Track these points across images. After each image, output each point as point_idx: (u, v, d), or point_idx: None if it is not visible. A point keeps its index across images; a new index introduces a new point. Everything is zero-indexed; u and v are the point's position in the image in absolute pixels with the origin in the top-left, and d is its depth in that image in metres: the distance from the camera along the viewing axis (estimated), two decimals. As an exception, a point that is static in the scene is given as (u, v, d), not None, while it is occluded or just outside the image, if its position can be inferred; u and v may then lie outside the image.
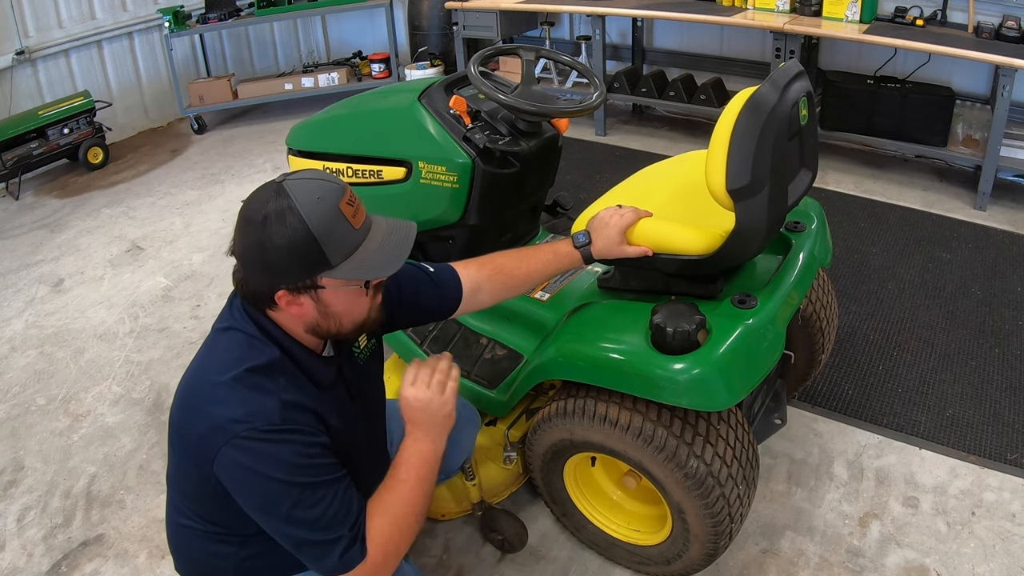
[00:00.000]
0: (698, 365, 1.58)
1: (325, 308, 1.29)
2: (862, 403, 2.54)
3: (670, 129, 5.04)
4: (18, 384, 2.91)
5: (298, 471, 1.23)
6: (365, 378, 1.54)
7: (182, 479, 1.40)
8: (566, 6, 4.68)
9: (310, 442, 1.26)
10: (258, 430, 1.22)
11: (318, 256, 1.23)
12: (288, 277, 1.25)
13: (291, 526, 1.25)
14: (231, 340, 1.32)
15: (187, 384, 1.35)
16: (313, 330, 1.32)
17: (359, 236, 1.27)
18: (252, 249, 1.24)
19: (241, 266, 1.29)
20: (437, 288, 1.64)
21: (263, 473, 1.22)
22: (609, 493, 2.02)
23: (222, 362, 1.29)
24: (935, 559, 2.00)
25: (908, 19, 4.00)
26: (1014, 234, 3.56)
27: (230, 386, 1.25)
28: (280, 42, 6.21)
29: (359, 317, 1.34)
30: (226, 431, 1.22)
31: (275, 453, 1.22)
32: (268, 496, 1.24)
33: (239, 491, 1.26)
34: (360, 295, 1.32)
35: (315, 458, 1.26)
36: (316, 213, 1.22)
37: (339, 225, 1.24)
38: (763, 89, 1.55)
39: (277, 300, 1.27)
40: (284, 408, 1.25)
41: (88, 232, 4.09)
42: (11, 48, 4.66)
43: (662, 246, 1.73)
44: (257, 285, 1.28)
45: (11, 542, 2.22)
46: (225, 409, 1.24)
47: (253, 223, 1.23)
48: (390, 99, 2.26)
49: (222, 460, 1.23)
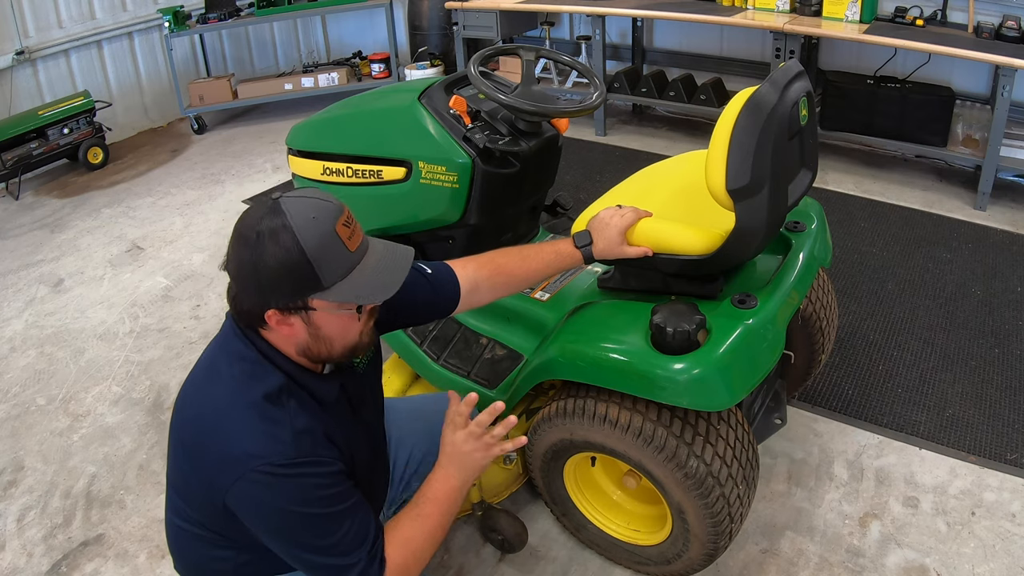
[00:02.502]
0: (698, 365, 1.58)
1: (316, 331, 1.27)
2: (862, 403, 2.54)
3: (670, 129, 5.04)
4: (18, 384, 2.91)
5: (315, 503, 1.23)
6: (366, 385, 1.54)
7: (184, 489, 1.39)
8: (566, 6, 4.68)
9: (326, 472, 1.26)
10: (274, 465, 1.21)
11: (310, 277, 1.20)
12: (279, 297, 1.22)
13: (307, 552, 1.25)
14: (237, 365, 1.30)
15: (196, 404, 1.33)
16: (304, 352, 1.31)
17: (354, 259, 1.24)
18: (244, 267, 1.22)
19: (234, 283, 1.28)
20: (434, 288, 1.63)
21: (279, 506, 1.22)
22: (609, 493, 2.02)
23: (231, 389, 1.28)
24: (935, 559, 2.00)
25: (908, 19, 4.00)
26: (1014, 234, 3.56)
27: (243, 416, 1.24)
28: (280, 42, 6.21)
29: (350, 341, 1.32)
30: (241, 464, 1.21)
31: (291, 487, 1.22)
32: (283, 526, 1.24)
33: (253, 521, 1.26)
34: (352, 319, 1.30)
35: (331, 488, 1.26)
36: (311, 233, 1.19)
37: (334, 246, 1.21)
38: (763, 89, 1.55)
39: (267, 319, 1.25)
40: (297, 438, 1.24)
41: (88, 232, 4.09)
42: (11, 48, 4.66)
43: (662, 246, 1.73)
44: (249, 304, 1.26)
45: (11, 542, 2.22)
46: (240, 441, 1.23)
47: (247, 240, 1.21)
48: (390, 99, 2.26)
49: (236, 492, 1.22)
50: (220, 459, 1.24)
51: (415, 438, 1.81)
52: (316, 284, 1.21)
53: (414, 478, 1.84)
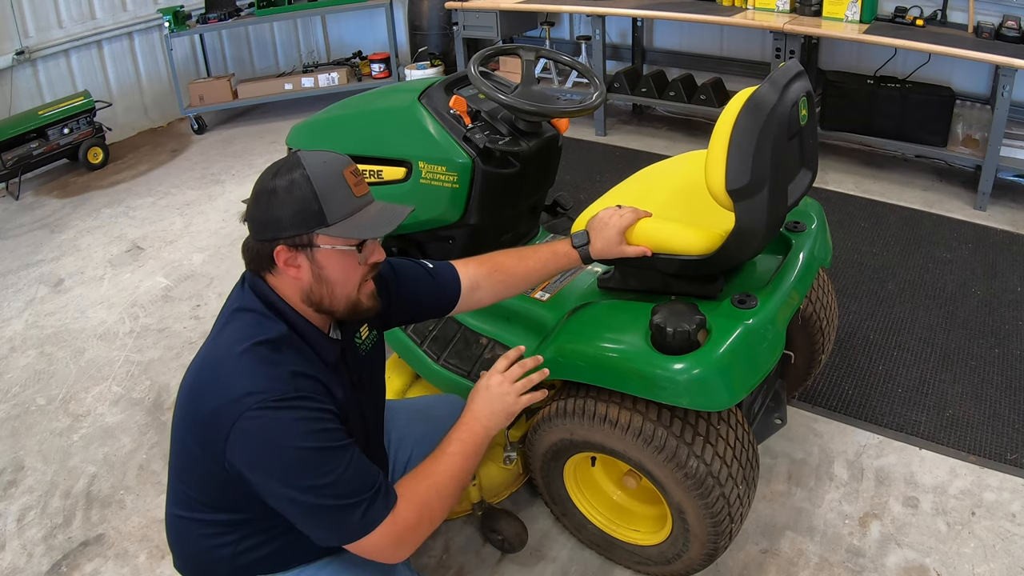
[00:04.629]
0: (698, 365, 1.58)
1: (319, 271, 1.33)
2: (862, 403, 2.54)
3: (670, 129, 5.04)
4: (18, 384, 2.91)
5: (312, 436, 1.25)
6: (366, 370, 1.56)
7: (187, 463, 1.39)
8: (566, 6, 4.68)
9: (320, 407, 1.28)
10: (270, 400, 1.24)
11: (317, 212, 1.29)
12: (287, 230, 1.30)
13: (308, 494, 1.25)
14: (241, 320, 1.35)
15: (196, 366, 1.37)
16: (308, 297, 1.36)
17: (358, 203, 1.34)
18: (260, 204, 1.32)
19: (249, 228, 1.36)
20: (436, 284, 1.66)
21: (277, 442, 1.23)
22: (609, 493, 2.02)
23: (232, 340, 1.32)
24: (935, 559, 2.00)
25: (908, 19, 4.00)
26: (1014, 234, 3.56)
27: (239, 360, 1.28)
28: (280, 42, 6.21)
29: (351, 291, 1.38)
30: (238, 404, 1.23)
31: (288, 420, 1.24)
32: (283, 465, 1.25)
33: (253, 465, 1.26)
34: (353, 262, 1.36)
35: (327, 423, 1.28)
36: (321, 174, 1.30)
37: (340, 188, 1.32)
38: (763, 89, 1.55)
39: (276, 257, 1.32)
40: (294, 377, 1.28)
41: (88, 232, 4.09)
42: (11, 48, 4.66)
43: (662, 246, 1.73)
44: (260, 243, 1.33)
45: (11, 542, 2.23)
46: (236, 382, 1.26)
47: (264, 183, 1.33)
48: (390, 99, 2.26)
49: (235, 436, 1.24)
50: (219, 403, 1.26)
51: (415, 439, 1.81)
52: (322, 219, 1.30)
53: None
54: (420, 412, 1.89)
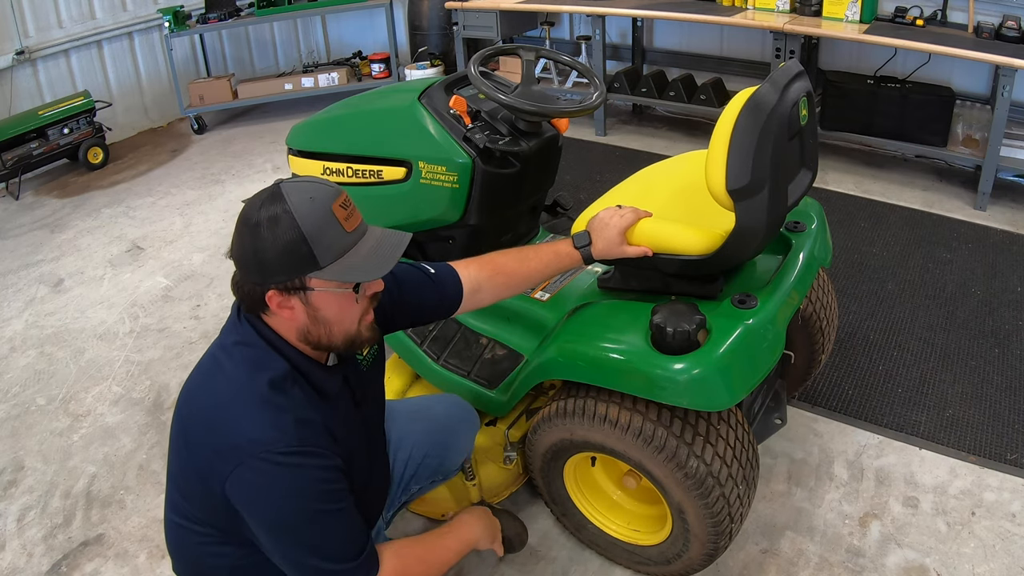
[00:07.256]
0: (698, 365, 1.58)
1: (315, 312, 1.29)
2: (862, 403, 2.54)
3: (670, 129, 5.04)
4: (18, 384, 2.91)
5: (311, 497, 1.24)
6: (368, 383, 1.55)
7: (184, 483, 1.39)
8: (566, 6, 4.68)
9: (325, 465, 1.26)
10: (274, 452, 1.22)
11: (307, 256, 1.23)
12: (278, 276, 1.25)
13: (299, 551, 1.26)
14: (242, 354, 1.32)
15: (199, 395, 1.34)
16: (305, 338, 1.32)
17: (350, 239, 1.27)
18: (246, 249, 1.26)
19: (236, 267, 1.30)
20: (437, 288, 1.64)
21: (277, 496, 1.22)
22: (609, 493, 2.02)
23: (235, 377, 1.29)
24: (935, 559, 2.00)
25: (908, 19, 4.00)
26: (1014, 234, 3.56)
27: (246, 404, 1.25)
28: (280, 42, 6.20)
29: (349, 328, 1.33)
30: (240, 451, 1.22)
31: (290, 477, 1.22)
32: (275, 520, 1.25)
33: (248, 510, 1.26)
34: (350, 300, 1.31)
35: (329, 483, 1.26)
36: (308, 214, 1.23)
37: (330, 227, 1.25)
38: (763, 89, 1.55)
39: (268, 301, 1.27)
40: (299, 427, 1.25)
41: (88, 232, 4.09)
42: (11, 48, 4.65)
43: (662, 246, 1.73)
44: (250, 286, 1.29)
45: (11, 542, 2.22)
46: (241, 429, 1.24)
47: (248, 223, 1.25)
48: (390, 99, 2.26)
49: (235, 480, 1.23)
50: (221, 447, 1.24)
51: (414, 439, 1.81)
52: (312, 263, 1.24)
53: (413, 480, 1.84)
54: (420, 412, 1.89)
